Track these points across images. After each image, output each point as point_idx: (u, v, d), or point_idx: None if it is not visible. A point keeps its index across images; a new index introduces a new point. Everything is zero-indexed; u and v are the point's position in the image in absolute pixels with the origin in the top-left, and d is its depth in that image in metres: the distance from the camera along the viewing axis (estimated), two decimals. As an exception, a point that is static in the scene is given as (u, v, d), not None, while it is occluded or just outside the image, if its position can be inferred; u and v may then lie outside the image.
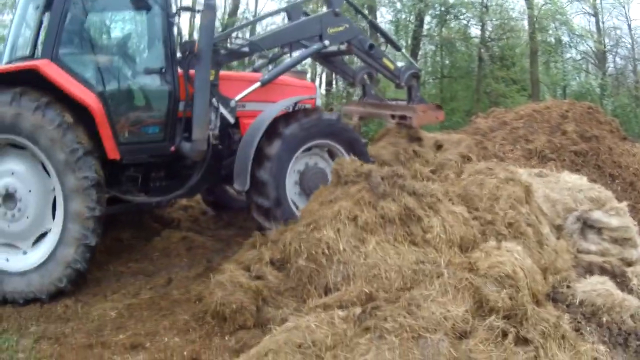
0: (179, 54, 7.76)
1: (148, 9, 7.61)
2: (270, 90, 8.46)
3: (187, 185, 7.85)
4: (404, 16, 30.54)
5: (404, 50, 11.37)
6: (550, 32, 29.89)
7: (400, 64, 10.53)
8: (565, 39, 30.64)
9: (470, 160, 8.62)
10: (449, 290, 4.87)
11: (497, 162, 8.61)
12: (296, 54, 9.11)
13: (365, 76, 10.23)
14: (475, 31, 30.22)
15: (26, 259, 6.67)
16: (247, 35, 9.39)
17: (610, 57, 32.61)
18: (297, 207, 7.74)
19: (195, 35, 8.65)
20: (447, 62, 30.89)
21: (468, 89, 29.03)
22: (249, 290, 5.72)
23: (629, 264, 6.83)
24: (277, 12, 12.72)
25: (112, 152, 7.01)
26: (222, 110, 7.92)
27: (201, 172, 7.83)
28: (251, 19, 26.48)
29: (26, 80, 6.44)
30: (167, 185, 8.05)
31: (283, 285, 5.90)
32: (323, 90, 29.30)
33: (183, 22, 31.57)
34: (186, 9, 8.15)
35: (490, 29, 29.44)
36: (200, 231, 9.25)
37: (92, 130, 6.78)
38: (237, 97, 7.99)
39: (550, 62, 30.78)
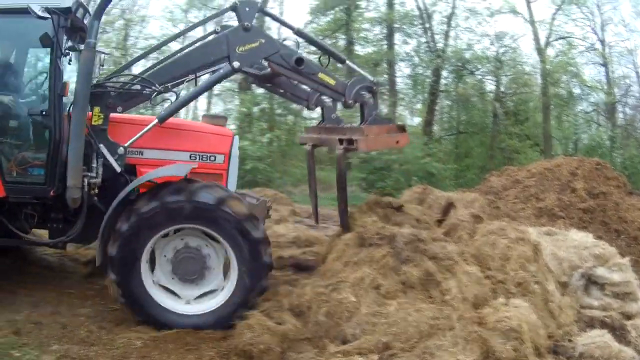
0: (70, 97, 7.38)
1: (37, 48, 7.54)
2: (174, 136, 7.79)
3: (73, 232, 7.36)
4: (421, 71, 31.51)
5: (351, 63, 9.58)
6: (562, 85, 30.30)
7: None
8: (576, 91, 31.02)
9: (481, 220, 8.32)
10: (459, 341, 5.34)
11: (509, 221, 8.72)
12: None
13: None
14: (490, 86, 30.73)
15: None
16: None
17: (619, 107, 33.03)
18: (178, 296, 7.10)
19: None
20: (462, 117, 31.29)
21: (482, 144, 29.34)
22: (275, 334, 6.02)
23: (629, 317, 7.19)
24: (173, 38, 11.13)
25: None
26: (108, 157, 7.28)
27: (83, 219, 7.26)
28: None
29: None
30: (58, 227, 7.69)
31: (301, 334, 6.20)
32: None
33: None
34: (72, 49, 7.47)
35: (504, 83, 30.04)
36: None
37: None
38: (127, 143, 7.34)
39: (562, 115, 31.18)
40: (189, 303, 7.07)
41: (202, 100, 40.04)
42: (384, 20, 31.45)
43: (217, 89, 32.95)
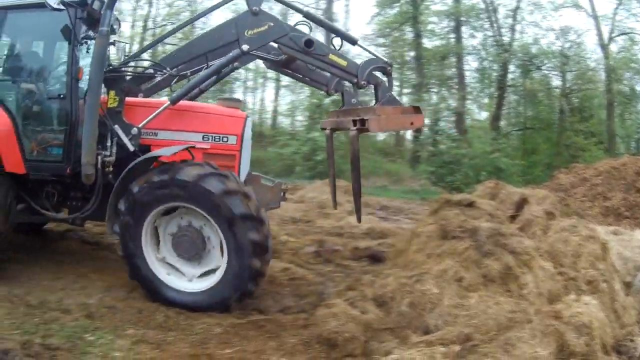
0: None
1: (56, 37, 7.99)
2: (187, 118, 8.09)
3: (89, 208, 7.86)
4: (488, 65, 31.52)
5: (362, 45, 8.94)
6: (625, 82, 30.13)
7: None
8: (639, 88, 30.74)
9: (554, 217, 8.27)
10: (537, 334, 5.49)
11: (578, 219, 8.61)
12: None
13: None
14: (555, 82, 30.72)
15: None
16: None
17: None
18: (180, 271, 7.44)
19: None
20: (529, 113, 31.26)
21: (548, 141, 29.24)
22: (359, 323, 6.11)
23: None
24: (187, 23, 11.31)
25: (19, 168, 7.69)
26: (122, 137, 7.68)
27: (98, 196, 7.75)
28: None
29: None
30: (76, 204, 8.16)
31: (384, 324, 6.24)
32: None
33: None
34: (88, 37, 7.97)
35: (569, 79, 29.98)
36: (301, 265, 9.44)
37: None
38: (141, 124, 7.74)
39: (624, 112, 31.03)
40: (191, 281, 7.39)
41: (270, 90, 40.84)
42: (451, 13, 31.52)
43: (285, 80, 33.66)
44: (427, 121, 29.98)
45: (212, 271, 7.33)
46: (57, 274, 8.08)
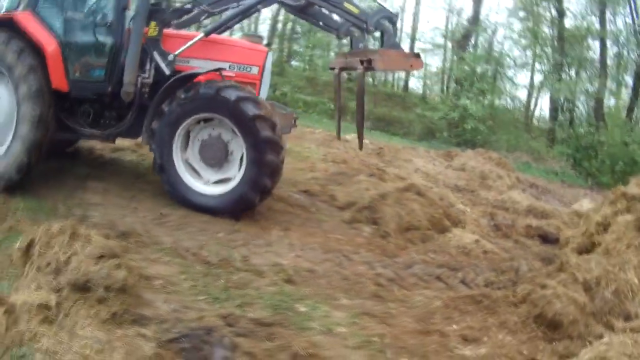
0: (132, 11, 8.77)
1: None
2: (216, 49, 8.97)
3: (124, 124, 8.71)
4: (626, 52, 30.83)
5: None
6: None
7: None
8: None
9: None
10: None
11: None
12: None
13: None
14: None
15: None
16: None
17: None
18: (198, 174, 8.43)
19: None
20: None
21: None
22: (578, 307, 6.09)
23: None
24: None
25: (63, 85, 8.31)
26: (160, 62, 8.60)
27: (134, 113, 8.62)
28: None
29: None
30: (111, 122, 8.89)
31: (589, 309, 6.20)
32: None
33: None
34: None
35: None
36: (486, 237, 9.36)
37: None
38: (177, 52, 8.64)
39: None
40: (206, 184, 8.44)
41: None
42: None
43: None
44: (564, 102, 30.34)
45: (227, 180, 8.39)
46: (233, 225, 8.01)
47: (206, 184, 8.40)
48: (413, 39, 38.51)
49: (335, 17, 9.37)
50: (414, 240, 8.57)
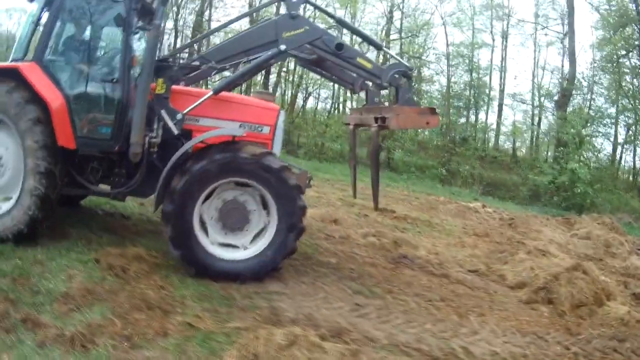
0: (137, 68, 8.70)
1: (111, 25, 8.67)
2: (226, 107, 8.80)
3: (133, 184, 8.57)
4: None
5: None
6: None
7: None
8: None
9: None
10: None
11: None
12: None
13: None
14: None
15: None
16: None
17: None
18: (206, 230, 8.17)
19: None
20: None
21: None
22: None
23: None
24: (237, 19, 12.42)
25: (70, 143, 8.18)
26: (168, 121, 8.32)
27: (142, 173, 8.46)
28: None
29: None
30: (120, 180, 8.74)
31: None
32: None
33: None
34: (142, 28, 8.51)
35: None
36: (633, 308, 9.78)
37: None
38: (185, 111, 8.39)
39: None
40: (246, 248, 8.28)
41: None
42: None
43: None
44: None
45: (234, 246, 8.30)
46: (435, 315, 8.12)
47: (212, 243, 8.23)
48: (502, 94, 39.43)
49: (351, 72, 9.35)
50: (583, 316, 8.94)
